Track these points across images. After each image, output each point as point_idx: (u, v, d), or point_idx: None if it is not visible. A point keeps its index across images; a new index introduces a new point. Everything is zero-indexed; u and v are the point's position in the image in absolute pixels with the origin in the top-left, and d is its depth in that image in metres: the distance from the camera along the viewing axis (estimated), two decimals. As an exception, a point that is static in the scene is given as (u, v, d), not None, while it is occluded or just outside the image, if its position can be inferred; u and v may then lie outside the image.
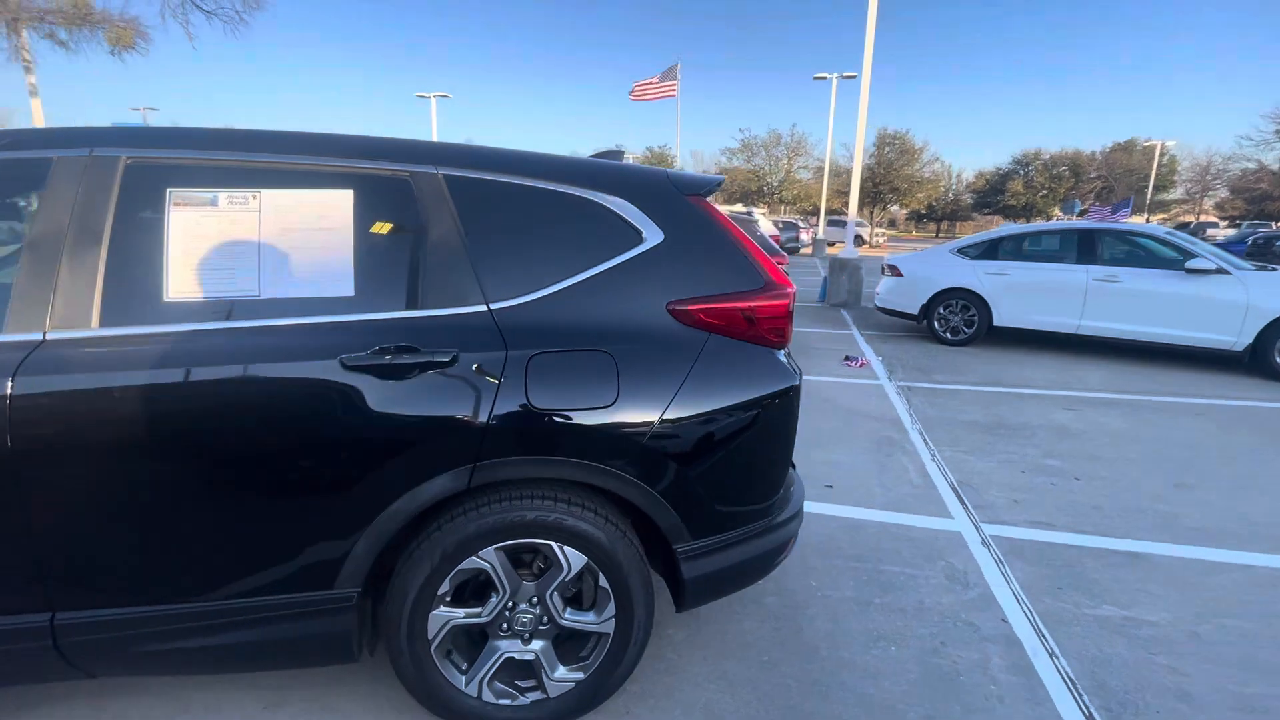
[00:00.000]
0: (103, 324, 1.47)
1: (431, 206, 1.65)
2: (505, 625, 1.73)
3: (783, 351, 1.89)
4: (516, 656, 1.76)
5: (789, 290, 1.87)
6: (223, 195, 1.56)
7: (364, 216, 1.62)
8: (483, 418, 1.57)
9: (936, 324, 7.77)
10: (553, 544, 1.67)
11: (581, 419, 1.62)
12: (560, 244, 1.74)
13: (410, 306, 1.60)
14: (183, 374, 1.46)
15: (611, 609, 1.75)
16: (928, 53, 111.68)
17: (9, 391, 1.37)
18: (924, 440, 4.33)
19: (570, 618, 1.76)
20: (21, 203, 1.63)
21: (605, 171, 1.82)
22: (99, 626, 1.50)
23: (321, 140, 1.66)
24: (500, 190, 1.72)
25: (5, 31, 11.71)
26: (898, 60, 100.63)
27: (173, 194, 1.54)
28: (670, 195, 1.83)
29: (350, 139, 1.69)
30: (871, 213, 43.35)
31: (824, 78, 24.81)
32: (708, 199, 1.90)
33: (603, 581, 1.73)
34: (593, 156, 2.30)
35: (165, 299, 1.50)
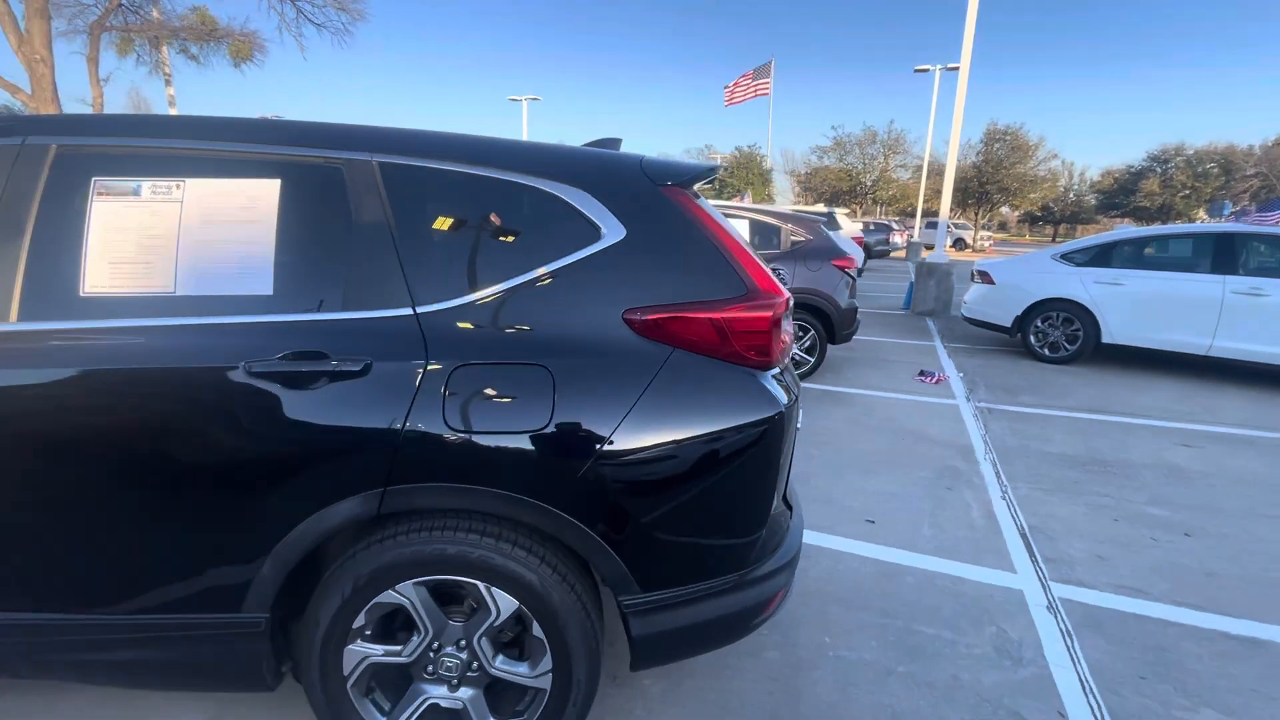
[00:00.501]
0: (20, 318, 1.41)
1: (363, 198, 1.48)
2: (430, 668, 1.54)
3: (769, 372, 1.58)
4: (442, 703, 1.56)
5: (777, 300, 1.56)
6: (145, 184, 1.47)
7: (291, 208, 1.47)
8: (394, 438, 1.38)
9: (1033, 338, 6.92)
10: (479, 584, 1.46)
11: (505, 443, 1.40)
12: (502, 241, 1.53)
13: (329, 308, 1.44)
14: (88, 374, 1.38)
15: (547, 663, 1.52)
16: (1048, 41, 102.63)
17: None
18: (996, 473, 3.77)
19: (501, 667, 1.54)
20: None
21: (561, 158, 1.58)
22: None
23: (253, 126, 1.54)
24: (439, 179, 1.52)
25: (148, 48, 13.16)
26: (1011, 49, 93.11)
27: (97, 183, 1.46)
28: (639, 186, 1.56)
29: (283, 124, 1.56)
30: (977, 214, 40.21)
31: (926, 70, 23.20)
32: (689, 190, 1.62)
33: (536, 631, 1.50)
34: (587, 145, 2.08)
35: (82, 293, 1.42)
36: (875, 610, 2.41)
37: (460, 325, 1.44)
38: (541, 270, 1.49)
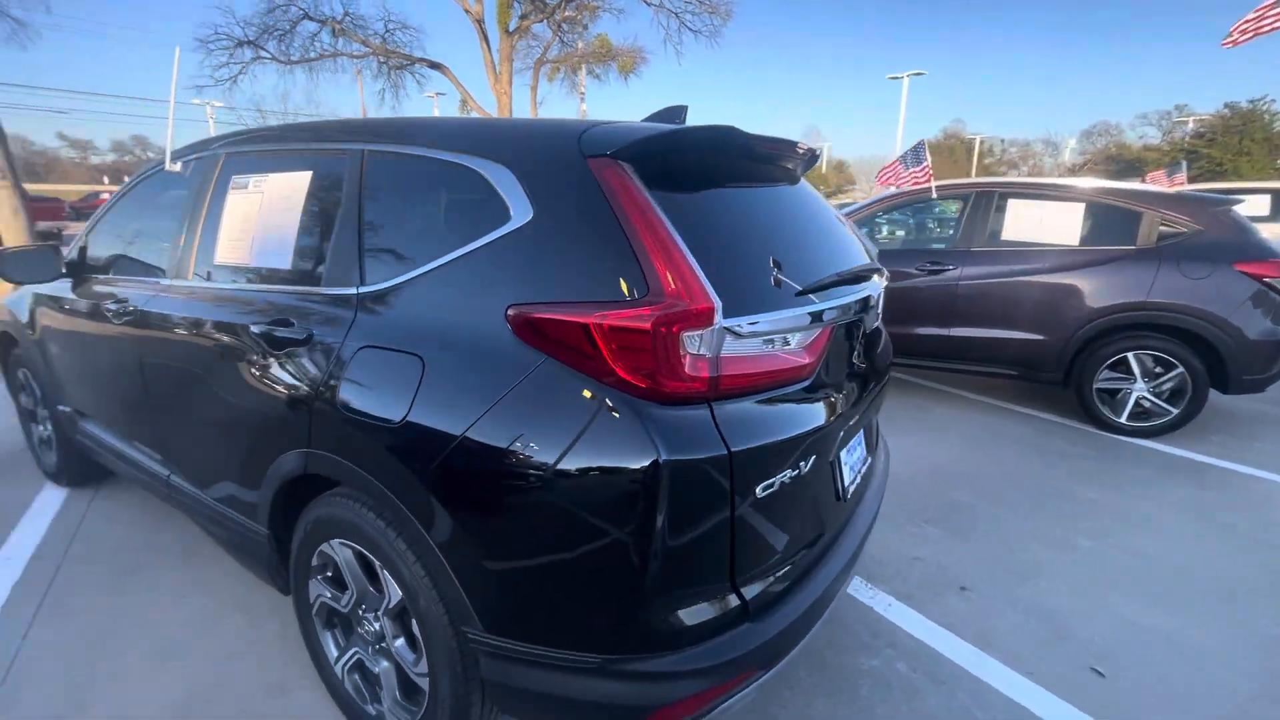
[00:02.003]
0: (193, 277, 2.00)
1: (348, 184, 1.62)
2: (360, 626, 1.65)
3: (676, 405, 1.15)
4: (366, 664, 1.66)
5: (676, 305, 1.12)
6: (250, 179, 1.89)
7: (311, 196, 1.71)
8: (311, 404, 1.50)
9: None
10: (375, 560, 1.49)
11: (371, 426, 1.37)
12: (433, 222, 1.47)
13: (311, 283, 1.63)
14: (204, 318, 1.88)
15: (424, 665, 1.46)
16: None
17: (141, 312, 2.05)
18: None
19: (398, 649, 1.54)
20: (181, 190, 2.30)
21: (493, 132, 1.43)
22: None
23: (287, 127, 1.89)
24: (399, 165, 1.55)
25: (564, 73, 16.67)
26: None
27: (232, 180, 1.95)
28: (564, 160, 1.30)
29: (308, 125, 1.81)
30: None
31: None
32: (629, 162, 1.27)
33: (414, 628, 1.45)
34: (650, 115, 1.87)
35: (215, 262, 1.94)
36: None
37: (378, 308, 1.46)
38: (454, 255, 1.38)
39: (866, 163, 62.07)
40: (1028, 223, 4.28)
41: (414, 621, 1.44)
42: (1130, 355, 3.99)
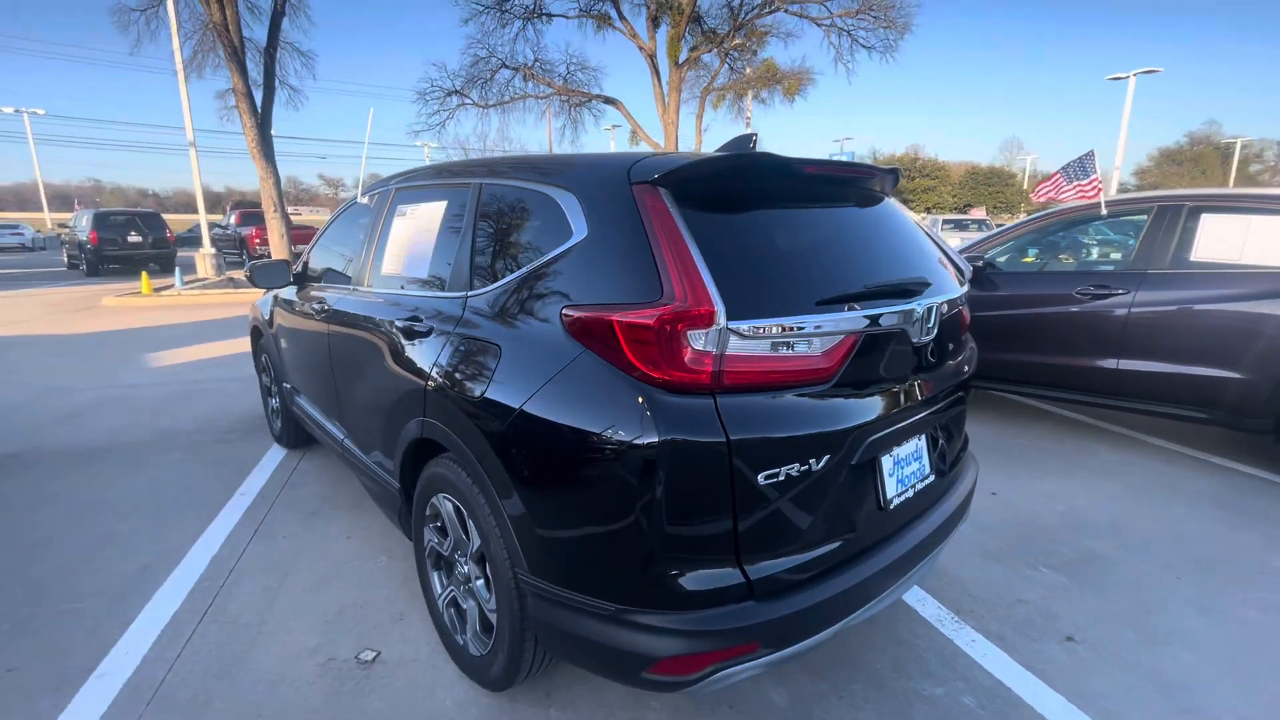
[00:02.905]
0: (369, 285, 2.56)
1: (468, 210, 2.01)
2: (456, 569, 2.01)
3: (681, 394, 1.32)
4: (460, 601, 2.01)
5: (682, 306, 1.29)
6: (410, 207, 2.40)
7: (444, 220, 2.14)
8: (425, 381, 1.89)
9: None
10: (465, 511, 1.83)
11: (461, 398, 1.71)
12: (521, 239, 1.79)
13: (438, 289, 2.05)
14: (370, 316, 2.41)
15: (494, 603, 1.76)
16: None
17: (332, 311, 2.66)
18: None
19: (478, 589, 1.86)
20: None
21: (563, 165, 1.71)
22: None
23: (432, 168, 2.32)
24: (501, 193, 1.91)
25: (729, 100, 17.06)
26: None
27: (398, 208, 2.48)
28: (614, 186, 1.54)
29: (449, 164, 2.25)
30: None
31: None
32: (667, 187, 1.48)
33: (488, 570, 1.76)
34: (724, 145, 2.09)
35: (382, 273, 2.47)
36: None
37: (480, 308, 1.81)
38: (533, 265, 1.69)
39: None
40: (1228, 241, 3.65)
41: (488, 565, 1.75)
42: (1370, 403, 3.21)
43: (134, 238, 16.48)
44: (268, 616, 2.33)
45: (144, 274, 12.63)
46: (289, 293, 3.41)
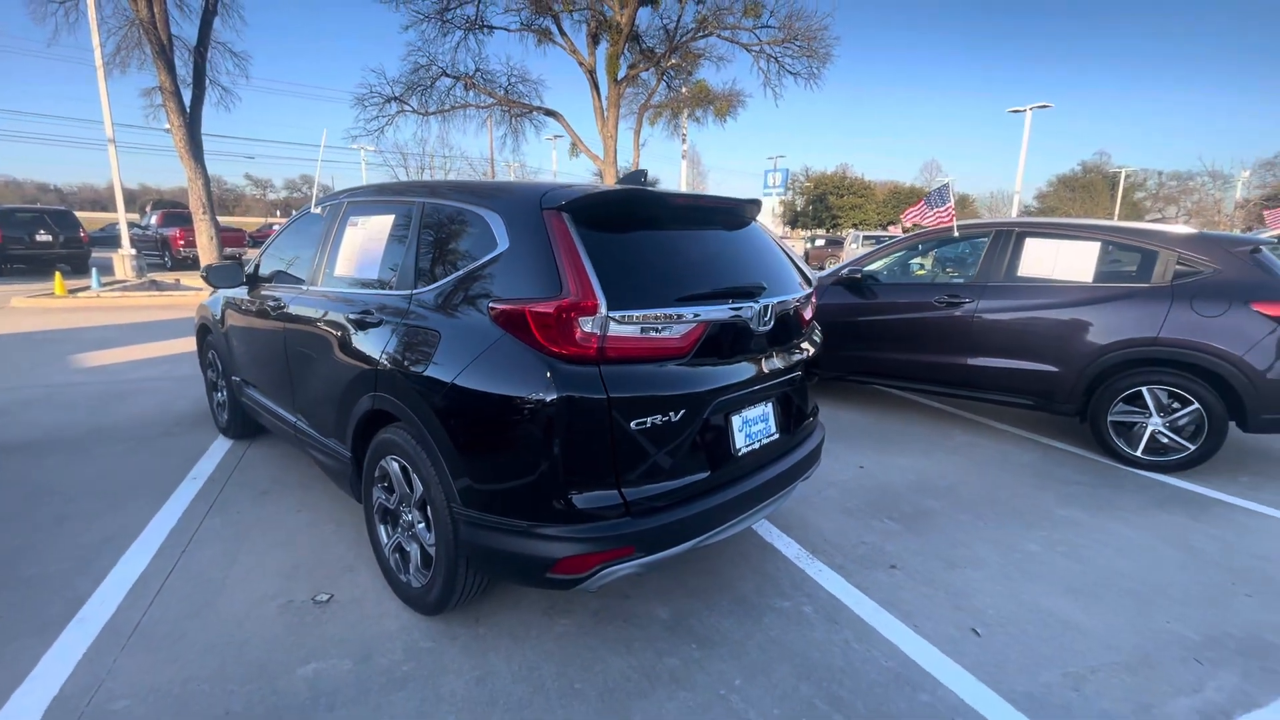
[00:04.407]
0: (320, 284, 2.95)
1: (412, 223, 2.47)
2: (402, 518, 2.43)
3: (571, 363, 1.83)
4: (404, 545, 2.44)
5: (574, 301, 1.81)
6: (359, 218, 2.82)
7: (391, 230, 2.59)
8: (377, 362, 2.33)
9: None
10: (409, 468, 2.27)
11: (409, 374, 2.17)
12: (457, 247, 2.27)
13: (386, 288, 2.49)
14: (319, 312, 2.81)
15: (433, 538, 2.21)
16: None
17: (288, 309, 3.04)
18: None
19: (420, 531, 2.30)
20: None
21: (492, 190, 2.21)
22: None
23: (378, 186, 2.76)
24: (440, 211, 2.38)
25: (666, 117, 17.91)
26: None
27: (349, 219, 2.89)
28: (528, 209, 2.05)
29: (395, 184, 2.71)
30: None
31: None
32: (568, 213, 1.99)
33: (429, 513, 2.21)
34: (621, 178, 2.61)
35: (335, 274, 2.88)
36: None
37: (423, 301, 2.27)
38: (467, 269, 2.16)
39: (996, 198, 58.82)
40: (1044, 260, 4.51)
41: (429, 509, 2.20)
42: (1144, 390, 4.08)
43: (43, 236, 15.66)
44: (230, 572, 2.68)
45: (57, 274, 12.10)
46: (240, 292, 3.71)
